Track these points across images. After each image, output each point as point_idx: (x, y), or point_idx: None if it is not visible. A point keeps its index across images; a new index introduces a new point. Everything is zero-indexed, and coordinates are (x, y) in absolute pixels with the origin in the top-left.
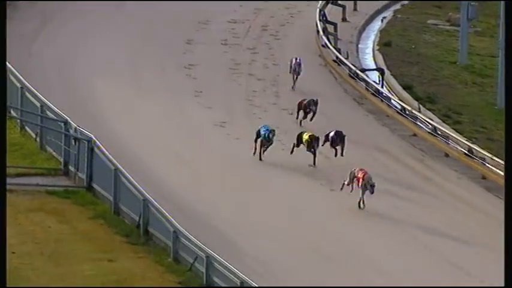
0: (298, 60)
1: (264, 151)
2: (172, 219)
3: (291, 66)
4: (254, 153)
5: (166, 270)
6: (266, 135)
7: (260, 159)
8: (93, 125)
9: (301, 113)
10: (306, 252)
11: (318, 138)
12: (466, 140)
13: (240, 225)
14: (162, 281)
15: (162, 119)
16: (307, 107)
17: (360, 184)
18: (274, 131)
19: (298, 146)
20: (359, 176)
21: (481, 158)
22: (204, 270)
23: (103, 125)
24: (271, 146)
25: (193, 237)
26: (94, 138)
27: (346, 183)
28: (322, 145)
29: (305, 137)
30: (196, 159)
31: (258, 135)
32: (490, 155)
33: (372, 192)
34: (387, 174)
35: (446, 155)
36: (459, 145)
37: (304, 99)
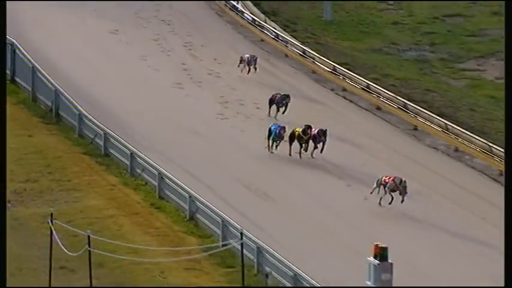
0: (254, 57)
1: (276, 146)
2: (78, 105)
3: (243, 60)
4: (269, 150)
5: (73, 143)
6: (277, 132)
7: (271, 152)
8: (14, 32)
9: (274, 107)
10: (178, 129)
11: (310, 129)
12: (301, 44)
13: (130, 109)
14: (70, 151)
15: (68, 29)
16: (280, 102)
17: (386, 188)
18: (284, 127)
19: (291, 142)
20: (385, 180)
21: (311, 57)
22: (102, 144)
23: (22, 32)
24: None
25: (94, 118)
26: (16, 42)
27: (374, 188)
28: (307, 142)
29: (297, 132)
30: (96, 58)
31: (270, 133)
32: (318, 55)
33: (405, 193)
34: (240, 71)
35: (286, 56)
36: (295, 48)
37: (277, 94)
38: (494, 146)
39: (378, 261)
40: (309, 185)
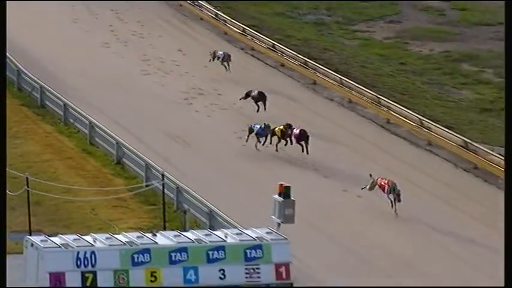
0: (227, 53)
1: (258, 142)
2: (16, 62)
3: (218, 57)
4: (246, 141)
5: (13, 96)
6: (261, 130)
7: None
8: None
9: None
10: (106, 83)
11: (290, 126)
12: (214, 8)
13: (63, 66)
14: (10, 103)
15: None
16: (258, 100)
17: (386, 191)
18: (269, 126)
19: (272, 137)
20: (383, 183)
21: (223, 20)
22: (39, 96)
23: None
24: None
25: (31, 74)
26: None
27: (367, 188)
28: (286, 141)
29: (277, 130)
30: (33, 22)
31: (251, 131)
32: (229, 18)
33: (399, 201)
34: (168, 33)
35: (201, 19)
36: (209, 12)
37: (252, 91)
38: (382, 97)
39: (282, 199)
40: (225, 133)
